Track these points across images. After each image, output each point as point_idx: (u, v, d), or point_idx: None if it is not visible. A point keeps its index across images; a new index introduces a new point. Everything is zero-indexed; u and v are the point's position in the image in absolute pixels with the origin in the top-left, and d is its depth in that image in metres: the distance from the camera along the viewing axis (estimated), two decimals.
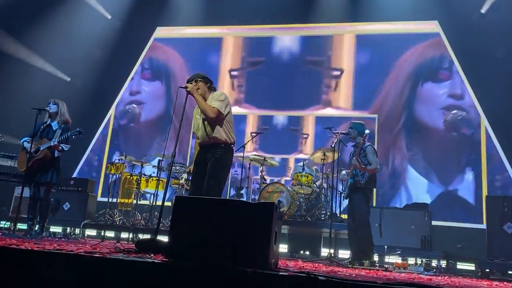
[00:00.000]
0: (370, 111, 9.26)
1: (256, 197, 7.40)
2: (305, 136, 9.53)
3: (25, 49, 9.52)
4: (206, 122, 4.20)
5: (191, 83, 4.27)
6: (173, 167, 7.61)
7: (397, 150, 8.96)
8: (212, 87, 4.38)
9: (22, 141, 5.52)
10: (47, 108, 5.55)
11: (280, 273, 2.54)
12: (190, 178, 4.38)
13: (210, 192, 3.98)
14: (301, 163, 7.67)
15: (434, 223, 6.73)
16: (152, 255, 3.09)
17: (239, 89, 10.18)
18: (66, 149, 5.49)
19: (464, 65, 8.83)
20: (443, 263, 6.20)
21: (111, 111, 10.71)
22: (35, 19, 9.35)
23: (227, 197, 8.83)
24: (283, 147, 9.52)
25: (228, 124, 4.25)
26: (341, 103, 9.53)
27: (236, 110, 9.37)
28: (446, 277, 4.69)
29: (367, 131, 5.35)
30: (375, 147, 5.83)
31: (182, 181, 7.26)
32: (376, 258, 5.64)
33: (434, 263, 6.18)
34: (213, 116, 4.11)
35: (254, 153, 8.44)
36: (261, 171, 7.54)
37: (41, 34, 9.49)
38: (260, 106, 9.92)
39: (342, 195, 5.91)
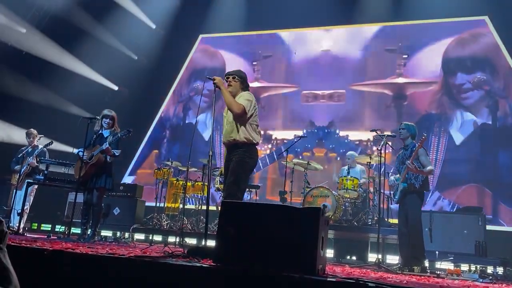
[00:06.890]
0: None
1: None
2: None
3: (75, 60, 9.94)
4: (228, 123, 4.13)
5: (228, 78, 4.18)
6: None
7: None
8: (245, 90, 4.25)
9: (77, 151, 5.74)
10: (101, 121, 5.73)
11: (328, 279, 2.50)
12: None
13: (228, 189, 3.94)
14: (346, 167, 7.53)
15: (488, 227, 6.42)
16: (200, 259, 3.12)
17: None
18: (117, 154, 5.64)
19: None
20: (500, 270, 5.89)
21: (157, 118, 11.01)
22: (83, 30, 9.74)
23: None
24: None
25: (253, 125, 4.14)
26: None
27: None
28: (503, 285, 4.44)
29: (425, 134, 5.17)
30: None
31: (217, 184, 7.30)
32: (426, 264, 5.43)
33: (490, 270, 5.88)
34: (239, 112, 3.99)
35: None
36: (304, 175, 7.47)
37: (89, 45, 9.89)
38: None
39: (392, 200, 5.71)
